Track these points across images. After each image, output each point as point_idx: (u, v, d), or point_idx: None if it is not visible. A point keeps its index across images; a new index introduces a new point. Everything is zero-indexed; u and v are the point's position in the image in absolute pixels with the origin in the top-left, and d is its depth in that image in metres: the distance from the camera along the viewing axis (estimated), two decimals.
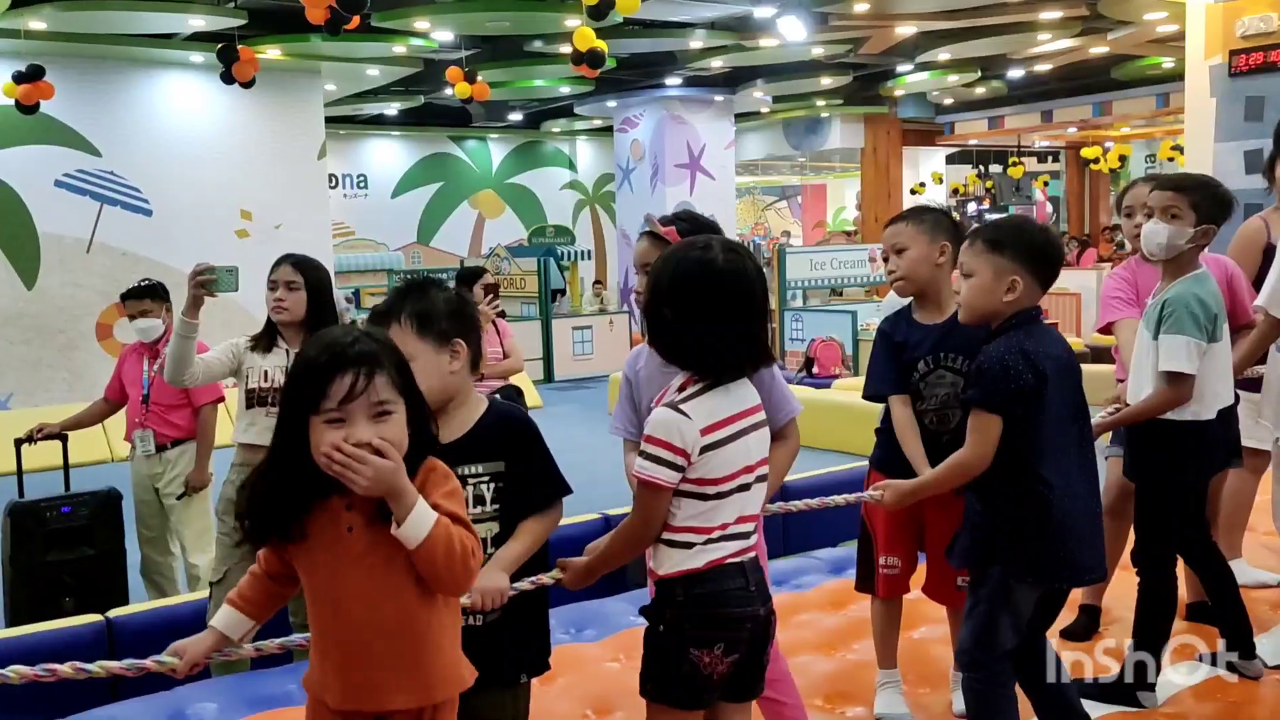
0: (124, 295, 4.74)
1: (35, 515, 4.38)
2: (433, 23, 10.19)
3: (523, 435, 2.15)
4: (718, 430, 1.97)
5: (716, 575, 1.98)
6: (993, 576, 2.44)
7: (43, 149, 10.49)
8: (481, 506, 2.08)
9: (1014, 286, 2.41)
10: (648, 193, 15.87)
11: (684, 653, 1.97)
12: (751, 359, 2.04)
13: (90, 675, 1.80)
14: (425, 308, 2.08)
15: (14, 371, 10.41)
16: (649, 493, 1.95)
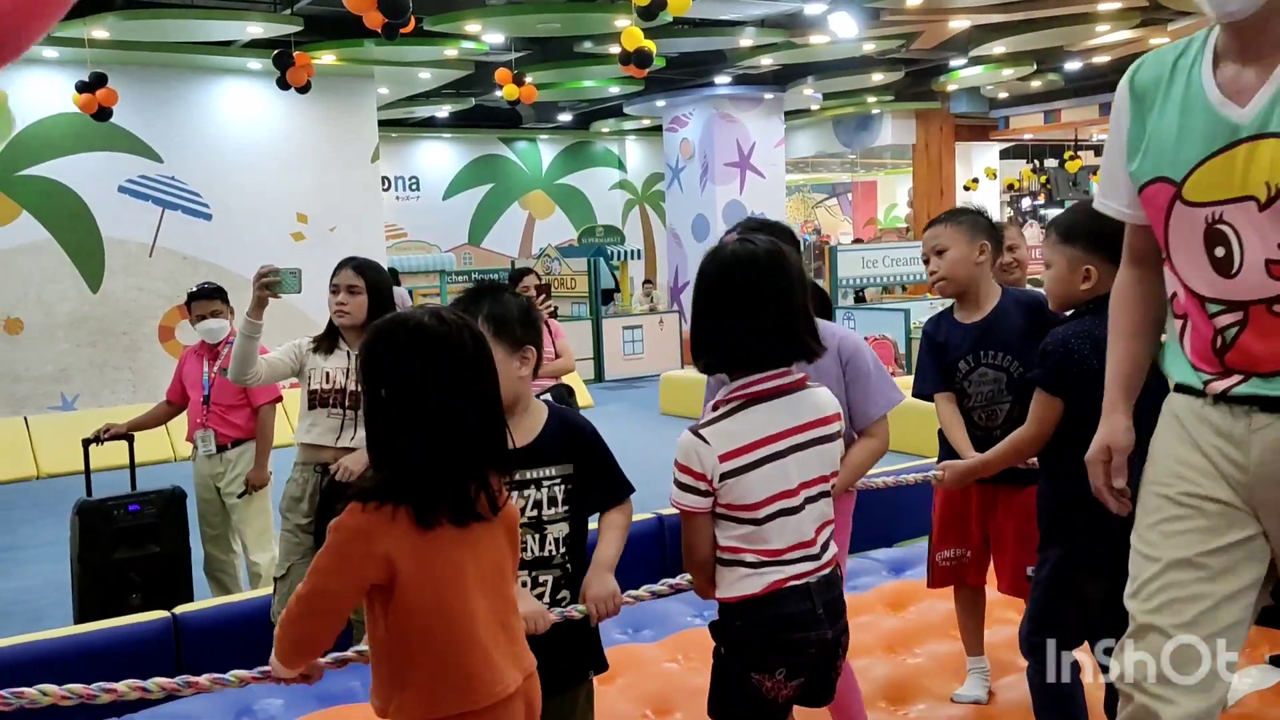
0: (192, 296, 4.84)
1: (104, 514, 4.47)
2: (483, 25, 10.26)
3: (589, 438, 2.19)
4: (741, 456, 1.91)
5: (777, 599, 1.93)
6: (1051, 559, 2.43)
7: (106, 155, 10.74)
8: (555, 508, 2.12)
9: (1089, 275, 2.42)
10: (697, 192, 15.85)
11: (745, 676, 1.95)
12: (780, 353, 1.96)
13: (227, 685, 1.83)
14: (500, 312, 2.11)
15: (80, 373, 10.67)
16: (683, 518, 1.96)
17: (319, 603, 1.62)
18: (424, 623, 1.63)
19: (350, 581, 1.61)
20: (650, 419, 10.52)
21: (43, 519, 7.17)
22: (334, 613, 1.63)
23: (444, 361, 1.63)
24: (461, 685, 1.64)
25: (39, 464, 9.04)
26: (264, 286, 3.35)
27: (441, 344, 1.64)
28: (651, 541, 4.51)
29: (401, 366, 1.62)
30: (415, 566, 1.60)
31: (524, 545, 2.08)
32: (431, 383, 1.62)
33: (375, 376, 1.64)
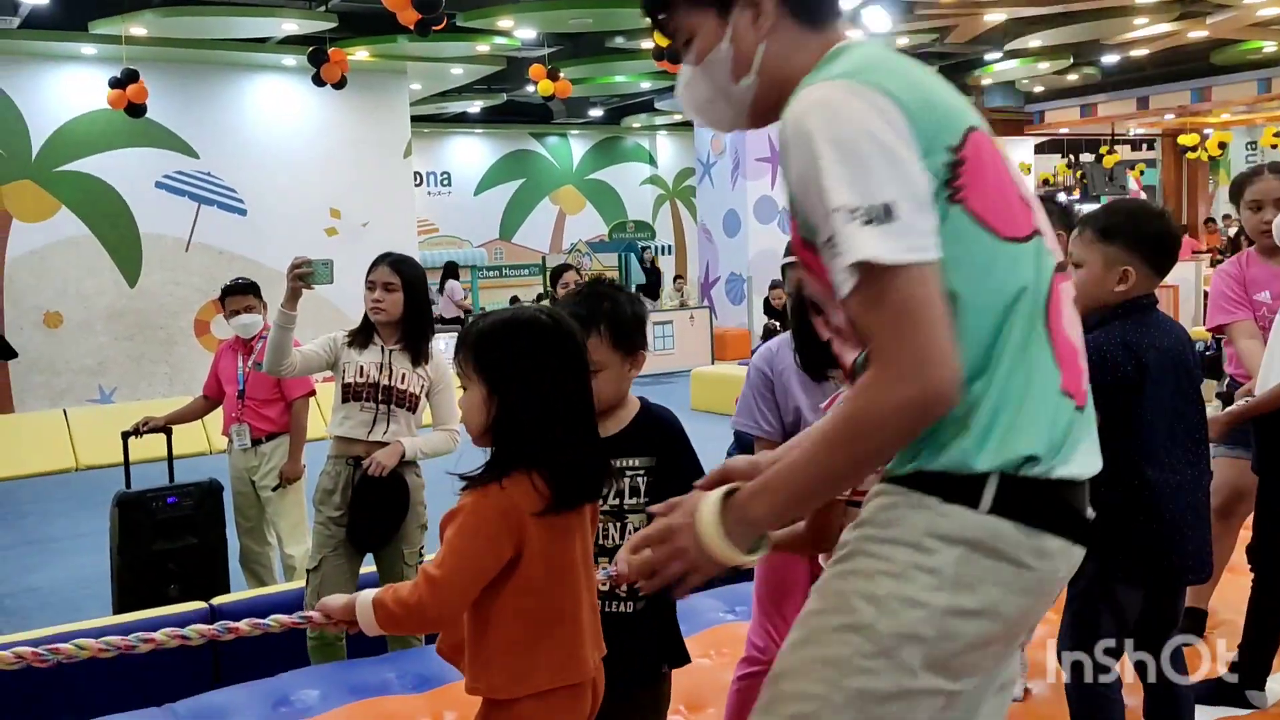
0: (226, 291, 4.88)
1: (143, 506, 4.53)
2: (516, 21, 10.29)
3: (673, 433, 2.25)
4: None
5: None
6: (1088, 571, 2.38)
7: (143, 151, 10.87)
8: (636, 498, 2.18)
9: (1126, 277, 2.32)
10: (729, 187, 15.80)
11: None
12: None
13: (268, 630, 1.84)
14: (618, 317, 2.16)
15: (118, 367, 10.81)
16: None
17: (459, 582, 1.66)
18: (538, 599, 1.70)
19: (492, 559, 1.67)
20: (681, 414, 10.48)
21: (81, 510, 7.27)
22: (471, 592, 1.67)
23: (565, 354, 1.74)
24: (563, 661, 1.73)
25: (78, 456, 9.17)
26: (298, 278, 3.38)
27: (563, 338, 1.75)
28: None
29: (530, 356, 1.71)
30: (539, 545, 1.68)
31: (605, 533, 2.15)
32: (560, 373, 1.72)
33: (495, 374, 1.71)
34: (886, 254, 1.22)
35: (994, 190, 1.34)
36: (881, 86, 1.30)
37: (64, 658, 1.65)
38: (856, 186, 1.24)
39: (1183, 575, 2.40)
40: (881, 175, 1.24)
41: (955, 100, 1.38)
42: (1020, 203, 1.38)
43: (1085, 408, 1.44)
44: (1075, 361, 1.42)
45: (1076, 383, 1.42)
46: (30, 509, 7.76)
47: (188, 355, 11.10)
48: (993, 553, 1.30)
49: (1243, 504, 2.94)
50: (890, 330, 1.24)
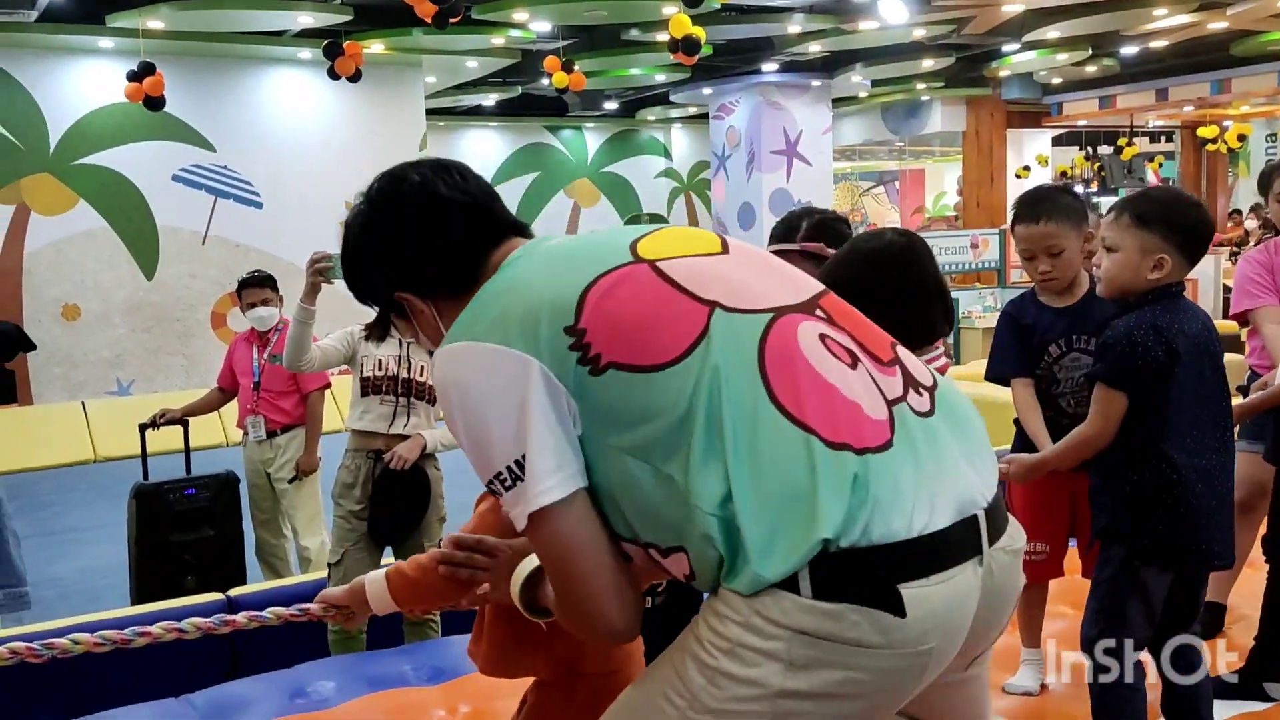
0: (242, 283, 4.90)
1: (160, 497, 4.57)
2: (531, 14, 10.26)
3: None
4: None
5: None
6: (1115, 557, 2.38)
7: (161, 144, 10.91)
8: None
9: (1161, 264, 2.33)
10: (744, 180, 15.77)
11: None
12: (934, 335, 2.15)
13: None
14: None
15: (135, 359, 10.87)
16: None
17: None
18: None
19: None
20: None
21: (100, 501, 7.32)
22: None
23: None
24: (602, 646, 1.72)
25: (96, 448, 9.24)
26: (317, 272, 3.38)
27: None
28: None
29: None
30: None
31: None
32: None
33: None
34: (520, 513, 1.28)
35: (630, 331, 1.29)
36: (479, 336, 1.32)
37: (58, 653, 1.66)
38: (484, 459, 1.30)
39: (1209, 560, 2.39)
40: (492, 440, 1.28)
41: (574, 268, 1.36)
42: (672, 312, 1.31)
43: (884, 447, 1.26)
44: (841, 403, 1.27)
45: (854, 428, 1.26)
46: (50, 500, 7.82)
47: (204, 348, 11.15)
48: (828, 635, 1.20)
49: (1264, 499, 2.92)
50: (555, 583, 1.35)
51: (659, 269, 1.36)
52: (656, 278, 1.35)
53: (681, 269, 1.37)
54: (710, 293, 1.33)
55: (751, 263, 1.43)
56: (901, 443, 1.28)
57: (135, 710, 2.97)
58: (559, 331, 1.30)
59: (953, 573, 1.24)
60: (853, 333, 1.37)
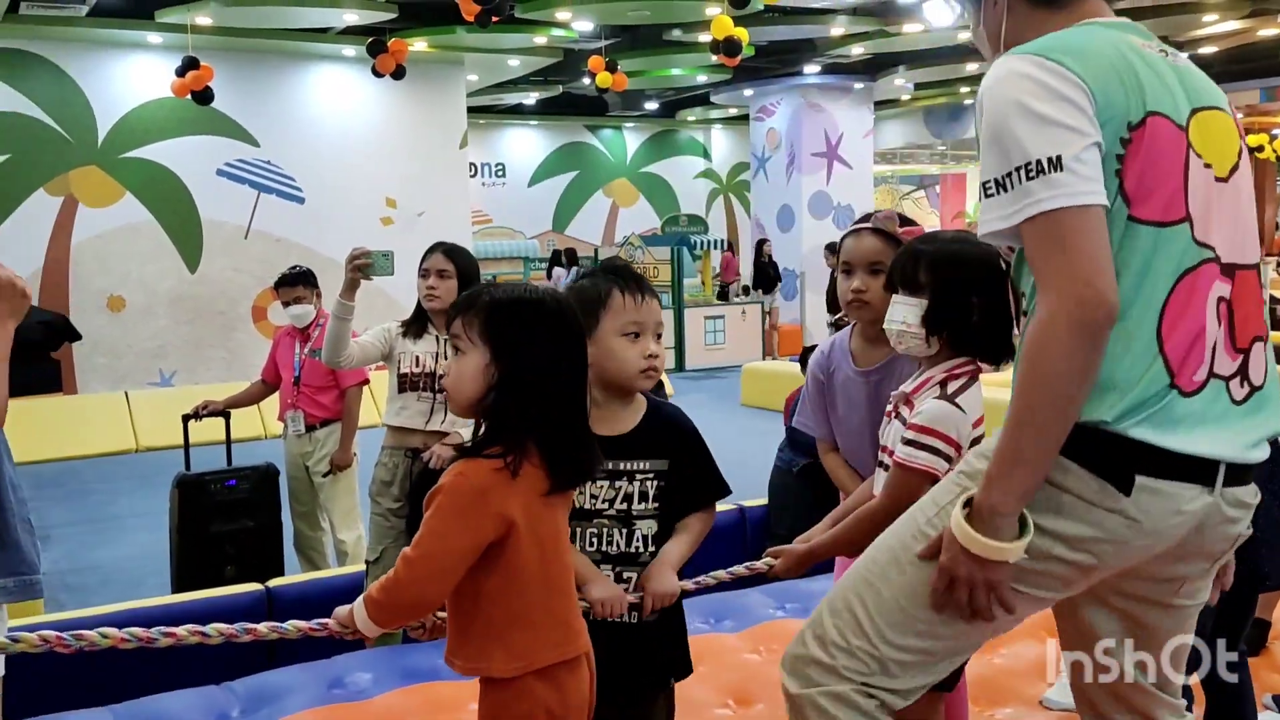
0: (278, 282, 4.94)
1: (201, 488, 4.62)
2: (574, 13, 10.30)
3: (683, 433, 2.13)
4: (979, 426, 2.03)
5: None
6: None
7: (206, 139, 11.06)
8: (645, 503, 2.07)
9: None
10: (783, 182, 15.72)
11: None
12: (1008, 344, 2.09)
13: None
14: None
15: (178, 351, 11.03)
16: (916, 480, 1.96)
17: (436, 564, 1.63)
18: (531, 575, 1.68)
19: (471, 540, 1.64)
20: (731, 410, 10.49)
21: (142, 490, 7.43)
22: (452, 574, 1.65)
23: (568, 336, 1.74)
24: (560, 635, 1.72)
25: (138, 437, 9.37)
26: (356, 269, 3.38)
27: (568, 321, 1.75)
28: (733, 534, 4.49)
29: (539, 332, 1.70)
30: (528, 522, 1.66)
31: (609, 539, 2.05)
32: (561, 354, 1.72)
33: (503, 343, 1.69)
34: (1051, 201, 1.45)
35: (1148, 172, 1.49)
36: (1061, 62, 1.49)
37: (86, 645, 1.71)
38: (1015, 150, 1.48)
39: (1261, 580, 2.42)
40: (1040, 136, 1.46)
41: (1150, 85, 1.52)
42: (1176, 191, 1.51)
43: (1193, 394, 1.52)
44: (1194, 351, 1.52)
45: (1187, 374, 1.51)
46: (94, 488, 7.95)
47: (245, 341, 11.29)
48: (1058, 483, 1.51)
49: None
50: (1048, 260, 1.46)
51: (1189, 159, 1.54)
52: (1183, 164, 1.53)
53: (1197, 173, 1.55)
54: (1192, 205, 1.53)
55: (1231, 201, 1.59)
56: (1205, 400, 1.53)
57: (178, 696, 3.00)
58: (1123, 123, 1.50)
59: (1179, 486, 1.50)
60: (1237, 312, 1.58)
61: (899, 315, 2.05)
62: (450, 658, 1.74)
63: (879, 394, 2.33)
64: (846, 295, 2.35)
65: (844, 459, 2.48)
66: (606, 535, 2.04)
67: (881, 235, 2.33)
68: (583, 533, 2.03)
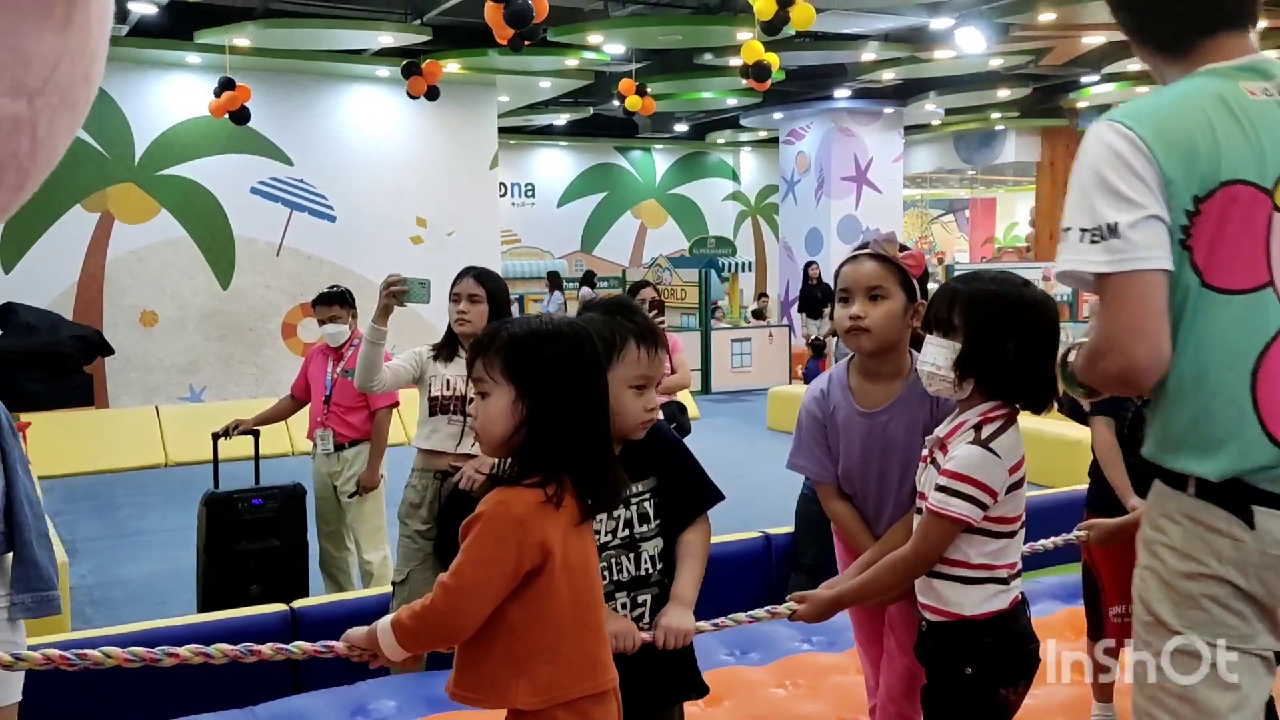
0: (316, 300, 4.96)
1: (228, 506, 4.63)
2: (606, 36, 10.36)
3: (668, 447, 2.15)
4: (1018, 470, 1.99)
5: (1017, 613, 2.02)
6: None
7: (241, 158, 11.19)
8: (646, 524, 2.10)
9: None
10: (812, 205, 15.70)
11: (995, 694, 1.98)
12: (1054, 397, 2.06)
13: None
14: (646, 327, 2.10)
15: (209, 366, 11.12)
16: (948, 528, 1.95)
17: (475, 593, 1.63)
18: (561, 607, 1.67)
19: (511, 568, 1.63)
20: (757, 434, 10.44)
21: (170, 505, 7.47)
22: (490, 602, 1.64)
23: (589, 366, 1.75)
24: (588, 669, 1.70)
25: (168, 452, 9.44)
26: (391, 294, 3.40)
27: (588, 351, 1.75)
28: (758, 561, 4.46)
29: (561, 365, 1.70)
30: (563, 553, 1.66)
31: (619, 566, 2.07)
32: (583, 385, 1.72)
33: (527, 378, 1.69)
34: (1103, 265, 1.55)
35: (1219, 242, 1.54)
36: (1138, 133, 1.57)
37: (90, 664, 1.72)
38: (1085, 211, 1.57)
39: None
40: (1104, 203, 1.55)
41: (1231, 150, 1.55)
42: (1255, 258, 1.55)
43: None
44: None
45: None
46: (123, 502, 8.00)
47: (274, 357, 11.37)
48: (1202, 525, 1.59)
49: None
50: (1104, 318, 1.58)
51: (1273, 222, 1.56)
52: (1264, 228, 1.56)
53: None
54: (1276, 269, 1.56)
55: None
56: None
57: None
58: (1189, 195, 1.55)
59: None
60: None
61: (930, 356, 2.00)
62: (454, 689, 1.71)
63: (886, 434, 2.26)
64: (844, 323, 2.24)
65: (849, 504, 2.36)
66: (616, 564, 2.07)
67: (880, 260, 2.24)
68: None
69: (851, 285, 2.24)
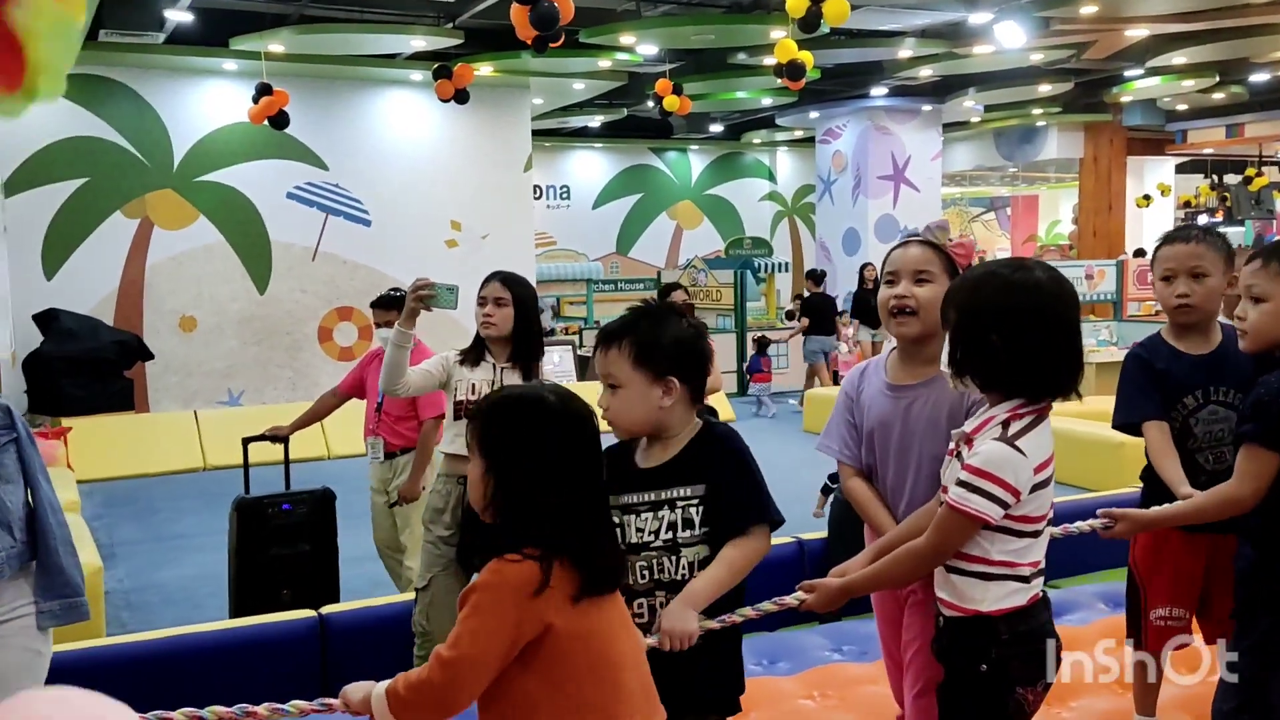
0: (374, 304, 5.00)
1: (259, 511, 4.64)
2: (638, 37, 10.31)
3: (724, 453, 2.08)
4: (1044, 469, 1.92)
5: (1035, 611, 1.96)
6: (1260, 628, 2.20)
7: (277, 163, 11.27)
8: (690, 530, 2.04)
9: None
10: (849, 205, 15.56)
11: (1011, 692, 1.93)
12: (1075, 378, 1.95)
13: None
14: (650, 338, 2.06)
15: (246, 370, 11.21)
16: (966, 524, 1.90)
17: (470, 667, 1.57)
18: (579, 673, 1.61)
19: (508, 639, 1.57)
20: (793, 436, 10.34)
21: (207, 509, 7.51)
22: (486, 676, 1.58)
23: (570, 435, 1.68)
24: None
25: (206, 456, 9.52)
26: (418, 299, 3.38)
27: (570, 419, 1.70)
28: (791, 568, 4.38)
29: (529, 436, 1.65)
30: (568, 621, 1.60)
31: (660, 568, 2.04)
32: (563, 455, 1.66)
33: (494, 452, 1.66)
34: None
35: None
36: None
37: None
38: None
39: None
40: None
41: None
42: None
43: None
44: None
45: None
46: (161, 506, 8.07)
47: (310, 361, 11.44)
48: None
49: None
50: None
51: None
52: None
53: None
54: None
55: None
56: None
57: None
58: None
59: None
60: None
61: (943, 359, 1.98)
62: None
63: (909, 415, 2.25)
64: (888, 303, 2.24)
65: (869, 485, 2.35)
66: (657, 565, 2.04)
67: (929, 246, 2.25)
68: (633, 565, 2.02)
69: (899, 268, 2.26)
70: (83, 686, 2.13)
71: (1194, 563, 2.62)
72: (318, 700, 1.81)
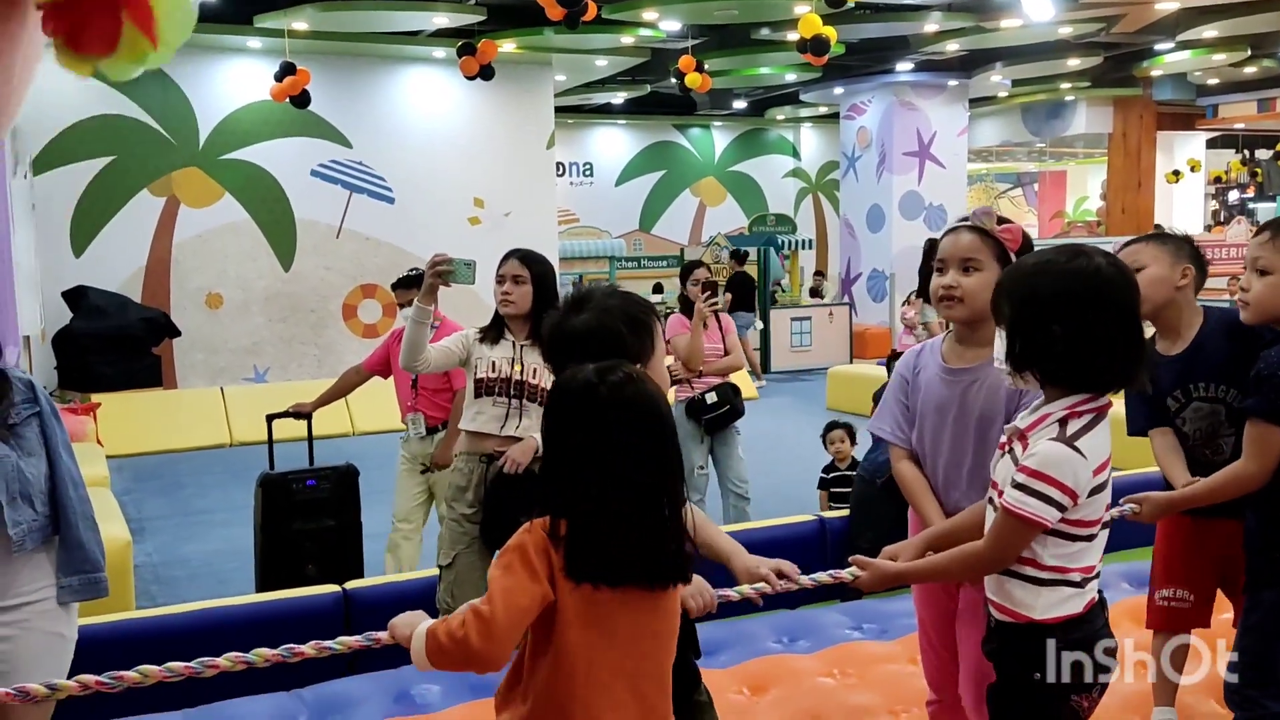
0: (395, 284, 5.01)
1: (284, 487, 4.69)
2: (661, 13, 10.24)
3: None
4: (1103, 471, 1.85)
5: (1091, 616, 1.90)
6: (1265, 602, 2.20)
7: (301, 141, 11.30)
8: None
9: None
10: (873, 181, 15.43)
11: (1065, 700, 1.88)
12: (1139, 371, 1.87)
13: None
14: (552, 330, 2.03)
15: (271, 347, 11.30)
16: (1024, 528, 1.83)
17: (503, 624, 1.58)
18: (577, 671, 1.62)
19: (537, 594, 1.60)
20: (816, 414, 10.31)
21: (233, 485, 7.60)
22: (518, 631, 1.61)
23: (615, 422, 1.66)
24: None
25: (232, 432, 9.62)
26: (436, 274, 3.39)
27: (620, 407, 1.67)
28: (812, 545, 4.39)
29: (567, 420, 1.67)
30: (576, 607, 1.61)
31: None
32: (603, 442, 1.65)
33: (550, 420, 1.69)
34: None
35: None
36: None
37: (129, 684, 1.77)
38: None
39: None
40: None
41: None
42: None
43: None
44: None
45: None
46: (188, 481, 8.17)
47: (335, 338, 11.52)
48: None
49: None
50: None
51: None
52: None
53: None
54: None
55: None
56: None
57: (249, 701, 3.03)
58: None
59: None
60: None
61: (998, 352, 1.90)
62: (500, 705, 1.72)
63: (965, 399, 2.24)
64: (938, 292, 2.28)
65: (919, 468, 2.35)
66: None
67: (978, 232, 2.26)
68: None
69: (948, 256, 2.27)
70: (113, 659, 2.16)
71: (1205, 548, 2.63)
72: (365, 634, 1.84)
